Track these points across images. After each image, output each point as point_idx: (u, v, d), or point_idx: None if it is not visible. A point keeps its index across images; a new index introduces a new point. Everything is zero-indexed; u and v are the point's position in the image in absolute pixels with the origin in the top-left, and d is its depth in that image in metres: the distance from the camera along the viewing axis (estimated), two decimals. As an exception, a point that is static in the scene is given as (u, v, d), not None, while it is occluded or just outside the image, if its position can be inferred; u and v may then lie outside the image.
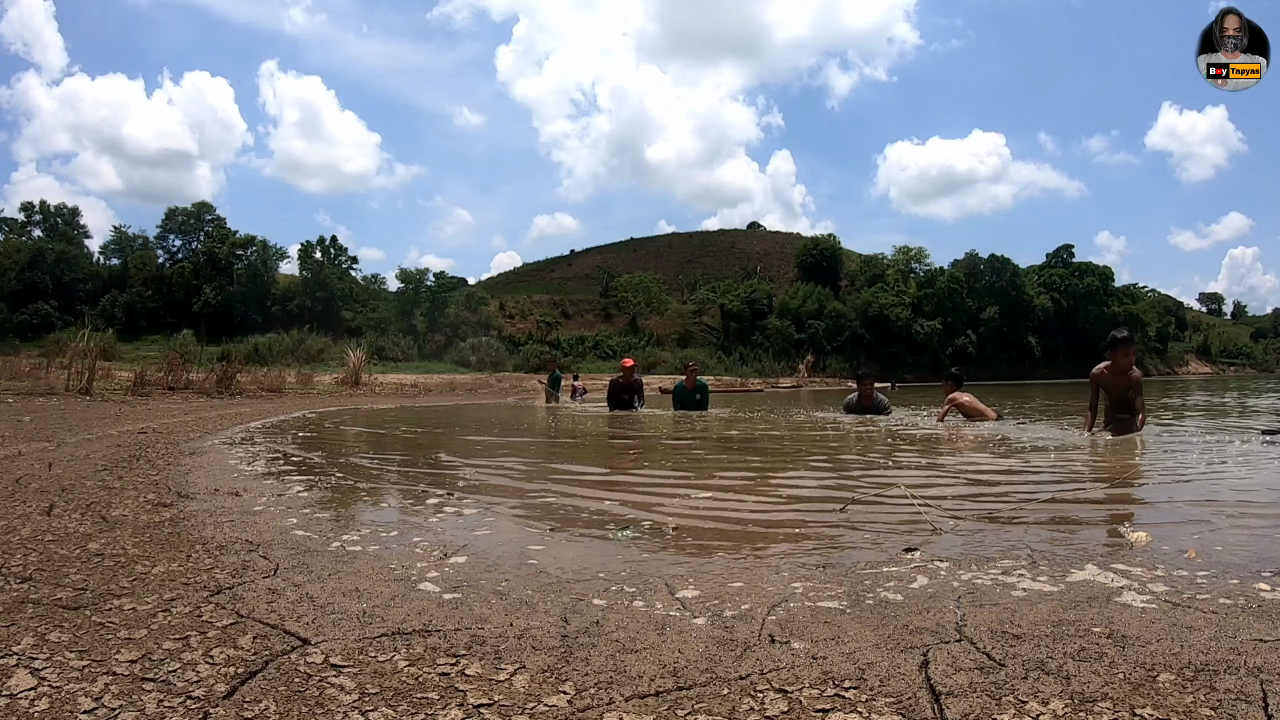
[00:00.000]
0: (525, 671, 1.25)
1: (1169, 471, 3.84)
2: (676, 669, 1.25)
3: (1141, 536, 2.11)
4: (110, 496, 2.86)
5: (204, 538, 2.20)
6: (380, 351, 44.02)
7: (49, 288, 50.00)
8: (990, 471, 3.92)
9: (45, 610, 1.51)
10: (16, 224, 56.32)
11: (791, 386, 42.55)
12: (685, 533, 2.37)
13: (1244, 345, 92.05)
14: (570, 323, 64.24)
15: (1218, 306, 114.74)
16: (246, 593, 1.66)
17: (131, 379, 12.26)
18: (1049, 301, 68.72)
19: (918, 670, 1.22)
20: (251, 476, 3.64)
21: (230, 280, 54.05)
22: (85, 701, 1.12)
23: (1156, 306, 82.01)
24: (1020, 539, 2.17)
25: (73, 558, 1.93)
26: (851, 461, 4.51)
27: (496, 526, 2.49)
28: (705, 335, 62.98)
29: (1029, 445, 5.10)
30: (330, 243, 59.20)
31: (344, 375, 21.50)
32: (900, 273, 68.78)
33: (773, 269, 75.61)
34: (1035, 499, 2.89)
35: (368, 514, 2.81)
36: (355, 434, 7.34)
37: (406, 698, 1.15)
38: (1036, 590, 1.65)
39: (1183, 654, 1.26)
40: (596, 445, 6.30)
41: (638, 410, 10.33)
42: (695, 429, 7.38)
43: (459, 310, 58.72)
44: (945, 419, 7.09)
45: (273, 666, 1.25)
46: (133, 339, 43.48)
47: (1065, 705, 1.10)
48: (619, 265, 72.97)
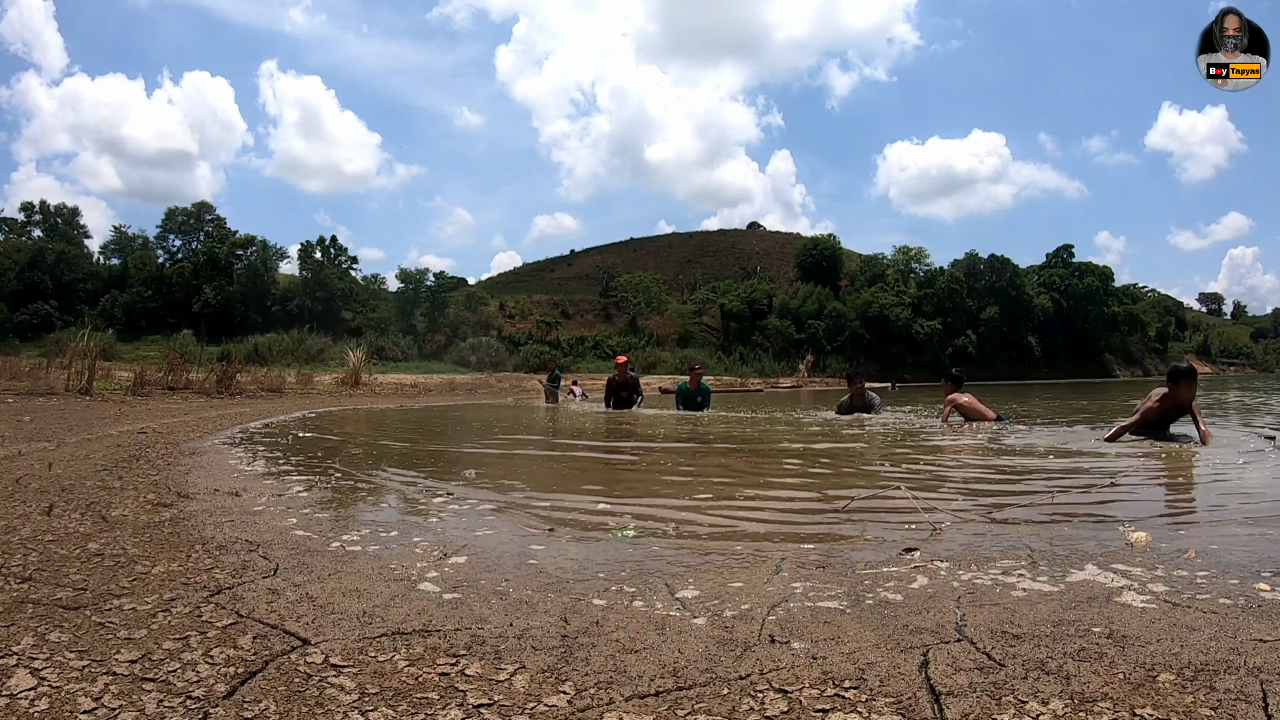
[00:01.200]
0: (525, 671, 1.25)
1: (1169, 472, 3.84)
2: (676, 669, 1.25)
3: (1141, 536, 2.11)
4: (110, 496, 2.86)
5: (204, 538, 2.20)
6: (380, 351, 43.98)
7: (49, 288, 49.99)
8: (991, 472, 3.92)
9: (45, 610, 1.51)
10: (16, 224, 56.33)
11: (791, 386, 42.56)
12: (685, 533, 2.37)
13: (1244, 345, 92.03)
14: (570, 323, 64.20)
15: (1218, 306, 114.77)
16: (246, 593, 1.66)
17: (131, 379, 12.26)
18: (1049, 301, 68.71)
19: (918, 670, 1.22)
20: (251, 476, 3.64)
21: (230, 280, 54.04)
22: (85, 701, 1.12)
23: (1156, 306, 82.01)
24: (1020, 539, 2.17)
25: (73, 558, 1.93)
26: (852, 461, 4.51)
27: (496, 526, 2.49)
28: (705, 335, 62.96)
29: (1030, 447, 5.10)
30: (330, 243, 59.20)
31: (344, 375, 21.48)
32: (900, 273, 68.74)
33: (773, 269, 75.59)
34: (1035, 499, 2.89)
35: (368, 514, 2.81)
36: (355, 434, 7.34)
37: (406, 698, 1.15)
38: (1036, 590, 1.65)
39: (1183, 654, 1.26)
40: (597, 445, 6.30)
41: (636, 408, 10.26)
42: (696, 429, 7.38)
43: (459, 310, 58.71)
44: (948, 420, 7.08)
45: (273, 666, 1.25)
46: (133, 339, 43.47)
47: (1065, 705, 1.10)
48: (619, 265, 72.94)
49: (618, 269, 70.76)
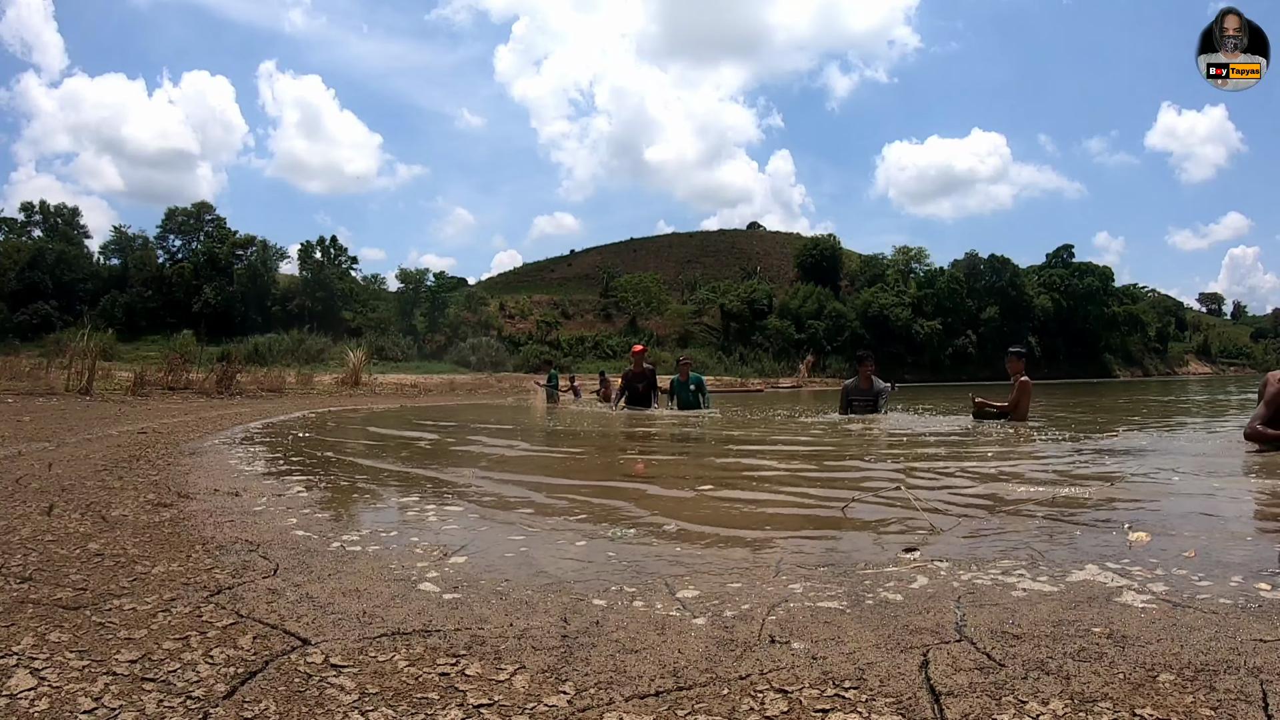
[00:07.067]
0: (525, 671, 1.25)
1: (1169, 472, 3.84)
2: (676, 669, 1.25)
3: (1141, 536, 2.11)
4: (110, 496, 2.86)
5: (204, 538, 2.20)
6: (380, 352, 43.98)
7: (49, 288, 50.02)
8: (991, 471, 3.91)
9: (45, 610, 1.51)
10: (16, 224, 56.36)
11: (792, 386, 42.53)
12: (685, 533, 2.37)
13: (1244, 345, 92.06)
14: (570, 323, 64.21)
15: (1218, 306, 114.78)
16: (246, 593, 1.66)
17: (131, 379, 12.25)
18: (1049, 302, 68.71)
19: (918, 670, 1.22)
20: (251, 476, 3.64)
21: (230, 280, 54.08)
22: (85, 701, 1.12)
23: (1156, 307, 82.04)
24: (1020, 539, 2.17)
25: (73, 558, 1.93)
26: (851, 461, 4.51)
27: (497, 526, 2.49)
28: (705, 335, 62.96)
29: (1039, 450, 5.10)
30: (330, 243, 59.25)
31: (344, 375, 21.49)
32: (900, 273, 68.75)
33: (773, 269, 75.59)
34: (1036, 499, 2.89)
35: (368, 514, 2.81)
36: (356, 434, 7.34)
37: (406, 698, 1.15)
38: (1036, 590, 1.65)
39: (1183, 654, 1.26)
40: (597, 445, 6.30)
41: (654, 407, 9.54)
42: (695, 429, 7.37)
43: (459, 310, 58.74)
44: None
45: (273, 666, 1.25)
46: (133, 339, 43.47)
47: (1065, 705, 1.09)
48: (619, 265, 72.95)
49: (618, 269, 70.78)
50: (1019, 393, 6.84)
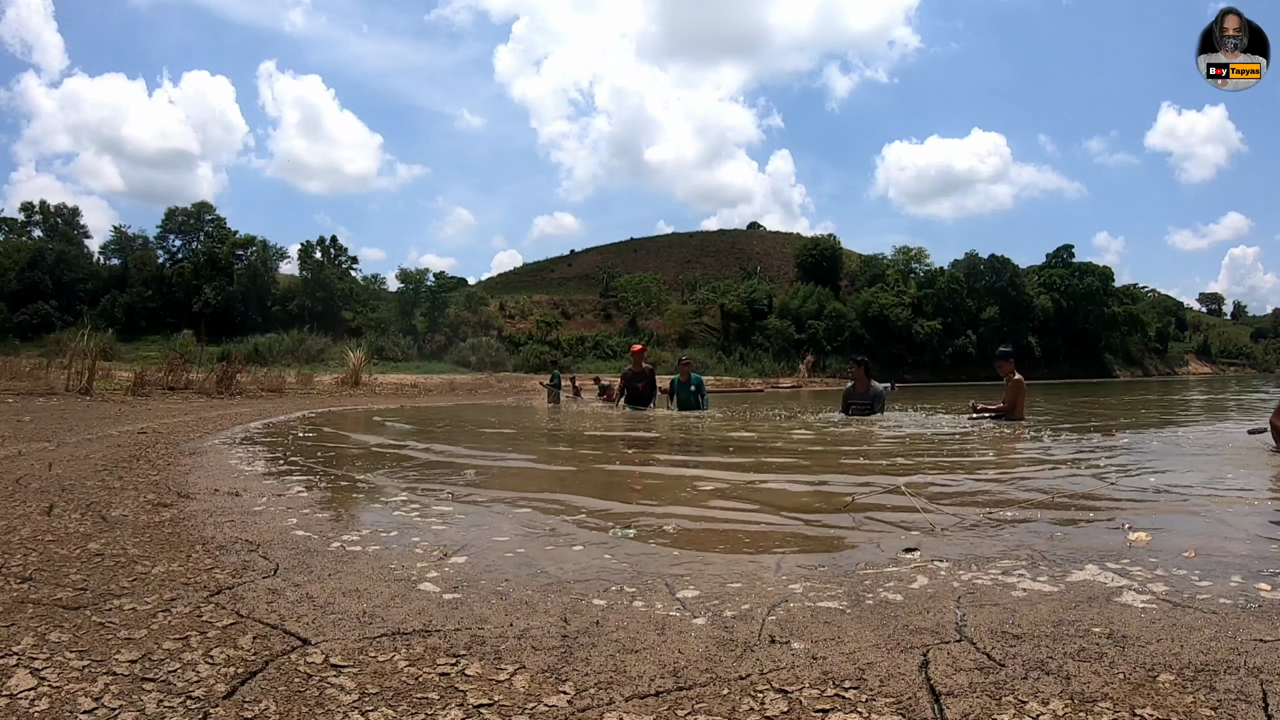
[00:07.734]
0: (525, 671, 1.25)
1: (1170, 472, 3.84)
2: (676, 669, 1.25)
3: (1141, 536, 2.11)
4: (110, 496, 2.86)
5: (204, 538, 2.20)
6: (380, 352, 44.00)
7: (49, 288, 50.00)
8: (991, 471, 3.91)
9: (45, 610, 1.51)
10: (16, 224, 56.34)
11: (792, 387, 42.53)
12: (685, 533, 2.37)
13: (1244, 345, 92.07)
14: (570, 323, 64.19)
15: (1218, 306, 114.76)
16: (246, 593, 1.66)
17: (131, 379, 12.25)
18: (1049, 302, 68.70)
19: (918, 670, 1.22)
20: (251, 476, 3.64)
21: (230, 280, 54.06)
22: (85, 701, 1.12)
23: (1156, 307, 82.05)
24: (1020, 539, 2.17)
25: (73, 558, 1.93)
26: (852, 461, 4.51)
27: (496, 526, 2.49)
28: (705, 335, 62.94)
29: (1045, 450, 5.10)
30: (330, 243, 59.22)
31: (344, 375, 21.50)
32: (900, 273, 68.73)
33: (773, 269, 75.57)
34: (1036, 499, 2.89)
35: (368, 514, 2.81)
36: (356, 434, 7.34)
37: (406, 698, 1.15)
38: (1036, 590, 1.64)
39: (1183, 654, 1.26)
40: (597, 444, 6.30)
41: (652, 407, 9.49)
42: (695, 429, 7.37)
43: (459, 310, 58.70)
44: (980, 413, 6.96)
45: (273, 666, 1.25)
46: (133, 339, 43.46)
47: (1065, 705, 1.10)
48: (619, 265, 72.94)
49: (618, 269, 70.78)
50: (1014, 391, 6.87)
